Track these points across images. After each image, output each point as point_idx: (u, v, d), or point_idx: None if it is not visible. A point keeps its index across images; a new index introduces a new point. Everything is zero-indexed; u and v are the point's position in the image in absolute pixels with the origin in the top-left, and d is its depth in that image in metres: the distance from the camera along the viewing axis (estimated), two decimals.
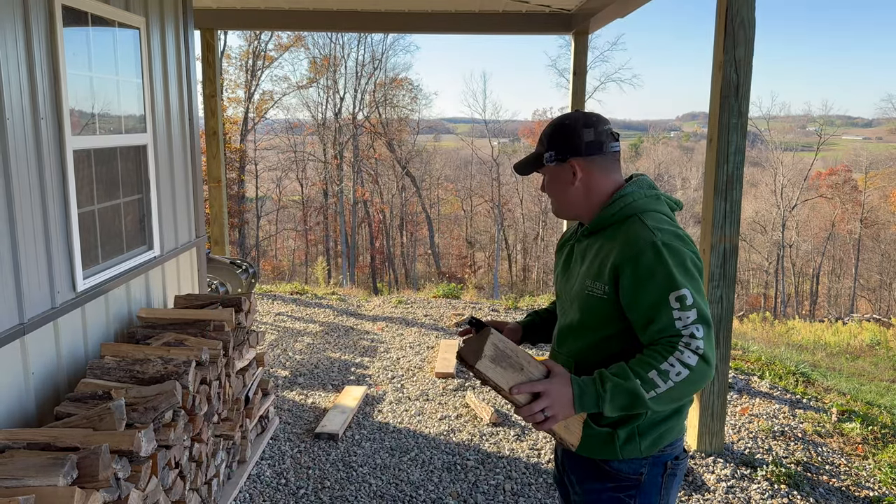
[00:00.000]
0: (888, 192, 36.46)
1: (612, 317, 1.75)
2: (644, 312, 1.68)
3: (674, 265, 1.67)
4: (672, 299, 1.65)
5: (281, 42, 29.55)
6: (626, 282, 1.70)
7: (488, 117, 37.33)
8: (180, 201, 4.52)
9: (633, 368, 1.63)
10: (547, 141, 1.86)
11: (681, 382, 1.61)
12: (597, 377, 1.65)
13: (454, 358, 5.70)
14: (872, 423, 4.51)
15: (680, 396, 1.63)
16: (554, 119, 1.92)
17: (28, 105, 2.84)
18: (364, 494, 3.65)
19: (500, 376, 1.61)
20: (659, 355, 1.63)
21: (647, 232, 1.72)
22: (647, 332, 1.69)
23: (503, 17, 6.69)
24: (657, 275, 1.67)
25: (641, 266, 1.68)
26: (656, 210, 1.80)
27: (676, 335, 1.65)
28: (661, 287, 1.66)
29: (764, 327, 14.15)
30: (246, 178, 29.13)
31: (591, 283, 1.78)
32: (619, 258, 1.71)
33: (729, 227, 3.83)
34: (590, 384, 1.64)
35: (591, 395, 1.63)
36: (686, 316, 1.65)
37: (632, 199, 1.81)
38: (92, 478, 2.13)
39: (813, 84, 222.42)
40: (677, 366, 1.61)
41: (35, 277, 2.88)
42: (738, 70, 3.69)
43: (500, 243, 33.82)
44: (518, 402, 1.63)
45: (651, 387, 1.60)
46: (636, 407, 1.63)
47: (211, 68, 7.01)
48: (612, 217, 1.80)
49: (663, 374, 1.61)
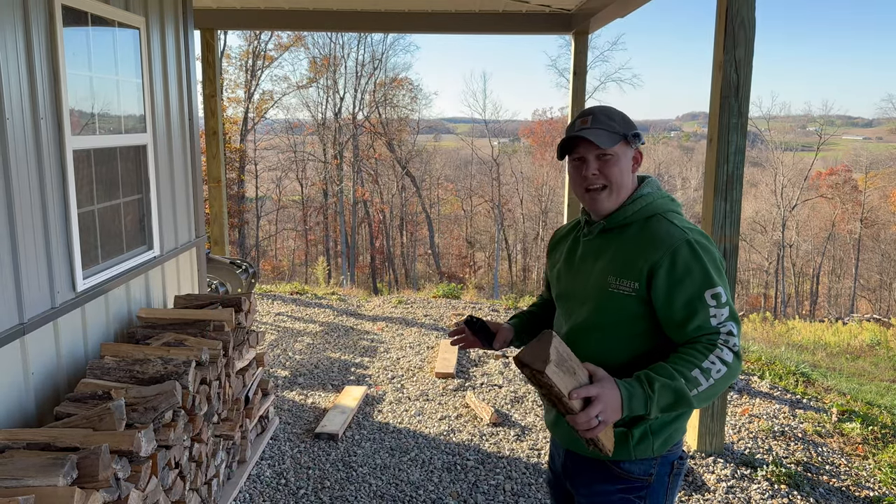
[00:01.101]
0: (888, 192, 36.46)
1: (639, 315, 1.75)
2: (681, 309, 1.69)
3: (709, 262, 1.70)
4: (708, 297, 1.68)
5: (281, 42, 29.56)
6: (661, 279, 1.70)
7: (488, 117, 37.36)
8: (180, 201, 4.52)
9: (677, 368, 1.62)
10: (623, 121, 1.81)
11: (720, 379, 1.63)
12: (643, 378, 1.62)
13: (454, 358, 5.70)
14: (872, 423, 4.51)
15: (715, 393, 1.65)
16: (601, 107, 1.86)
17: (28, 105, 2.84)
18: (364, 494, 3.64)
19: (562, 381, 1.53)
20: (700, 353, 1.64)
21: (679, 230, 1.74)
22: (684, 331, 1.70)
23: (503, 17, 6.69)
24: (694, 272, 1.69)
25: (679, 263, 1.69)
26: (675, 211, 1.83)
27: (715, 332, 1.67)
28: (699, 284, 1.68)
29: (764, 327, 14.15)
30: (246, 178, 29.13)
31: (616, 280, 1.76)
32: (653, 255, 1.71)
33: (729, 227, 3.83)
34: (637, 386, 1.61)
35: (639, 397, 1.60)
36: (721, 313, 1.68)
37: (652, 198, 1.83)
38: (92, 478, 2.13)
39: (813, 84, 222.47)
40: (717, 363, 1.63)
41: (35, 277, 2.88)
42: (738, 70, 3.69)
43: (500, 243, 33.81)
44: (573, 408, 1.55)
45: (694, 385, 1.61)
46: (679, 406, 1.62)
47: (211, 68, 7.01)
48: (634, 215, 1.81)
49: (706, 371, 1.62)
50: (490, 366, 5.69)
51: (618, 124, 1.80)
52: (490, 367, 5.66)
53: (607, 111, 1.83)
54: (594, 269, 1.83)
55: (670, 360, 1.66)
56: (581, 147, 1.80)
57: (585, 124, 1.80)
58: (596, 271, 1.82)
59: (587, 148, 1.79)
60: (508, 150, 38.50)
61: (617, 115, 1.82)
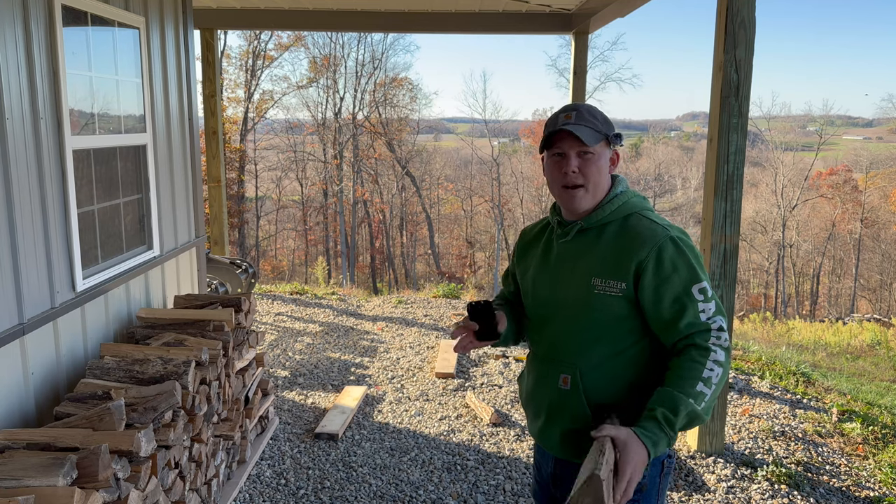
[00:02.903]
0: (888, 191, 36.45)
1: (626, 315, 1.73)
2: (670, 306, 1.68)
3: (692, 258, 1.71)
4: (696, 291, 1.68)
5: (281, 42, 29.56)
6: (648, 278, 1.69)
7: (488, 117, 37.33)
8: (180, 201, 4.52)
9: (683, 389, 1.60)
10: (605, 121, 1.80)
11: (719, 382, 1.64)
12: (660, 418, 1.58)
13: (454, 358, 5.70)
14: (873, 423, 4.51)
15: (718, 394, 1.66)
16: (584, 104, 1.83)
17: (28, 105, 2.84)
18: (364, 494, 3.64)
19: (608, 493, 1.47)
20: (698, 364, 1.63)
21: (661, 227, 1.74)
22: (676, 328, 1.69)
23: (503, 17, 6.68)
24: (680, 268, 1.69)
25: (665, 260, 1.69)
26: (650, 209, 1.84)
27: (706, 329, 1.67)
28: (686, 280, 1.69)
29: (764, 327, 14.15)
30: (246, 177, 29.13)
31: (601, 281, 1.73)
32: (639, 253, 1.70)
33: (729, 227, 3.82)
34: (656, 430, 1.57)
35: (662, 440, 1.58)
36: (709, 308, 1.68)
37: (627, 197, 1.82)
38: (91, 478, 2.12)
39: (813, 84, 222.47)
40: (715, 368, 1.63)
41: (34, 277, 2.88)
42: (738, 70, 3.69)
43: (500, 243, 33.80)
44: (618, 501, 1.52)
45: (702, 398, 1.61)
46: (694, 424, 1.63)
47: (211, 68, 7.01)
48: (612, 214, 1.79)
49: (707, 381, 1.62)
50: (490, 366, 5.68)
51: (600, 123, 1.78)
52: (490, 367, 5.66)
53: (590, 109, 1.81)
54: (575, 271, 1.80)
55: (673, 380, 1.63)
56: (564, 142, 1.76)
57: (570, 119, 1.76)
58: (578, 274, 1.79)
59: (570, 144, 1.75)
60: (508, 150, 38.50)
61: (599, 114, 1.81)
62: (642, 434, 1.57)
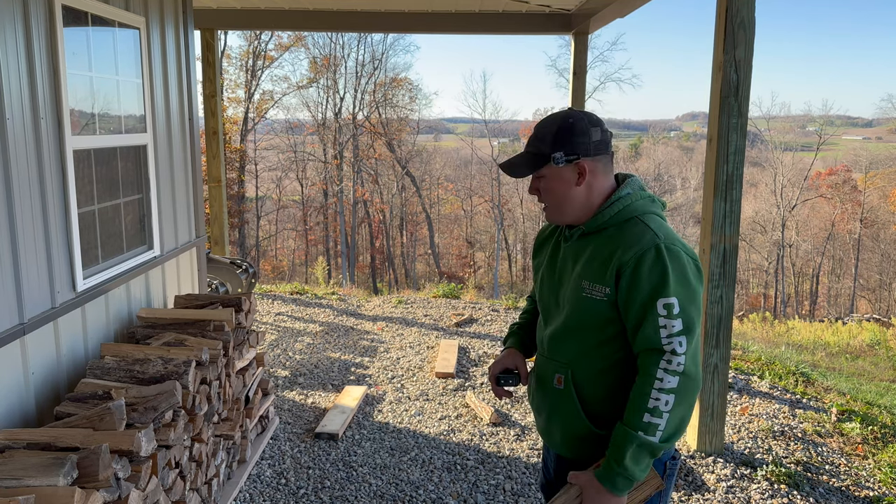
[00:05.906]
0: (888, 191, 36.46)
1: (612, 319, 1.73)
2: (635, 313, 1.67)
3: (672, 270, 1.65)
4: (659, 306, 1.64)
5: (281, 42, 29.56)
6: (623, 281, 1.68)
7: (488, 117, 37.33)
8: (180, 201, 4.52)
9: (632, 422, 1.63)
10: (552, 140, 1.76)
11: (674, 407, 1.62)
12: (611, 460, 1.65)
13: (454, 358, 5.70)
14: (872, 422, 4.51)
15: (683, 414, 1.64)
16: (549, 117, 1.82)
17: (28, 105, 2.84)
18: (364, 494, 3.65)
19: None
20: (644, 395, 1.63)
21: (651, 234, 1.71)
22: (635, 339, 1.69)
23: (503, 17, 6.69)
24: (652, 277, 1.65)
25: (642, 266, 1.66)
26: (654, 212, 1.80)
27: (656, 350, 1.65)
28: (654, 290, 1.65)
29: (764, 327, 14.15)
30: (246, 178, 29.12)
31: (589, 285, 1.74)
32: (622, 259, 1.69)
33: (729, 227, 3.83)
34: (611, 470, 1.65)
35: (621, 478, 1.64)
36: (672, 325, 1.64)
37: (630, 200, 1.79)
38: (92, 478, 2.13)
39: (813, 84, 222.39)
40: (662, 396, 1.61)
41: (35, 277, 2.88)
42: (738, 70, 3.69)
43: (500, 243, 33.82)
44: None
45: (654, 428, 1.61)
46: (657, 452, 1.64)
47: (211, 68, 7.02)
48: (612, 219, 1.78)
49: (654, 411, 1.61)
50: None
51: (546, 145, 1.77)
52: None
53: (540, 132, 1.80)
54: (572, 274, 1.82)
55: (626, 412, 1.66)
56: None
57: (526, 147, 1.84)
58: (573, 276, 1.81)
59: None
60: (508, 150, 38.44)
61: (548, 134, 1.77)
62: (599, 475, 1.66)
